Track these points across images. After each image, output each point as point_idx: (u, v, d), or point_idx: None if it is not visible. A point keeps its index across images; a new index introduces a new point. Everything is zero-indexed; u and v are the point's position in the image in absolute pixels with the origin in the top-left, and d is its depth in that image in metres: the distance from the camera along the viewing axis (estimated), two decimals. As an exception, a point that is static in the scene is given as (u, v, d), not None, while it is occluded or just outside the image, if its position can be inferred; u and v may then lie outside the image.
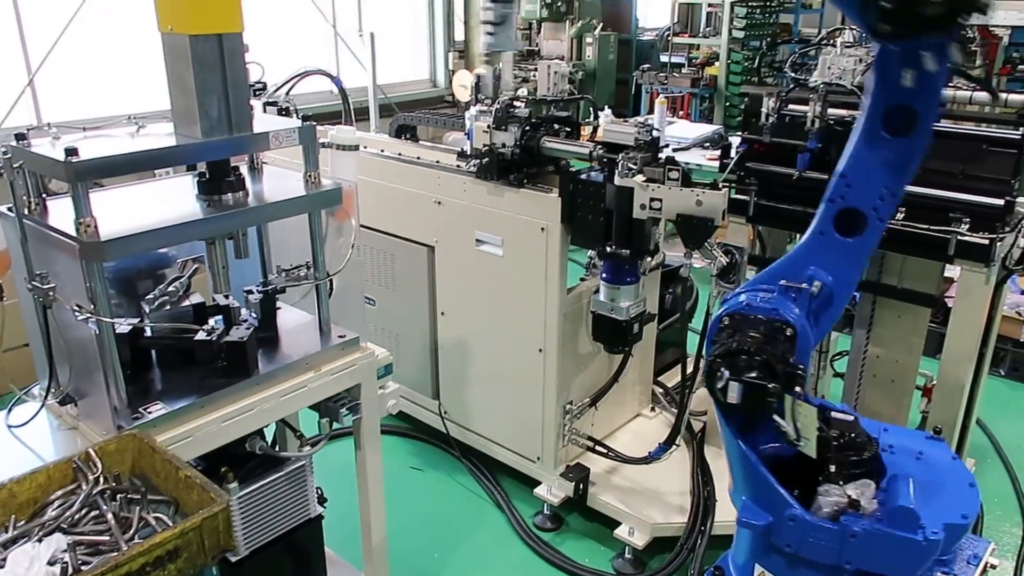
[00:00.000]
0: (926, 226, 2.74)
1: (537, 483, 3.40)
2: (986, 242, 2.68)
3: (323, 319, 2.36)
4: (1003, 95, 3.13)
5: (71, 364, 1.99)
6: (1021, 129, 2.73)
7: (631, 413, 3.72)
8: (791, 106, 3.10)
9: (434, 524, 3.40)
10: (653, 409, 3.77)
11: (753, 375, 1.85)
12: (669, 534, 3.08)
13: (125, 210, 2.08)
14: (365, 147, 3.80)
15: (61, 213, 1.96)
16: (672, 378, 3.92)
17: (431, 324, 3.67)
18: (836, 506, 1.80)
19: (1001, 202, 2.68)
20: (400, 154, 3.69)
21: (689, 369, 3.06)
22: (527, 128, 3.03)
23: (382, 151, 3.73)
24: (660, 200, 2.65)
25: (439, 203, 3.44)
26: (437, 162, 3.52)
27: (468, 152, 3.29)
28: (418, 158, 3.59)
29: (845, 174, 1.87)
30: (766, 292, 1.96)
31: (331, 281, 2.35)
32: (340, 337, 2.33)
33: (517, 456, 3.47)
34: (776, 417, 1.86)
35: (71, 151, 1.78)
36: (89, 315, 1.81)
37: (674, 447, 3.17)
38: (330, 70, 4.99)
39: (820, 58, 3.04)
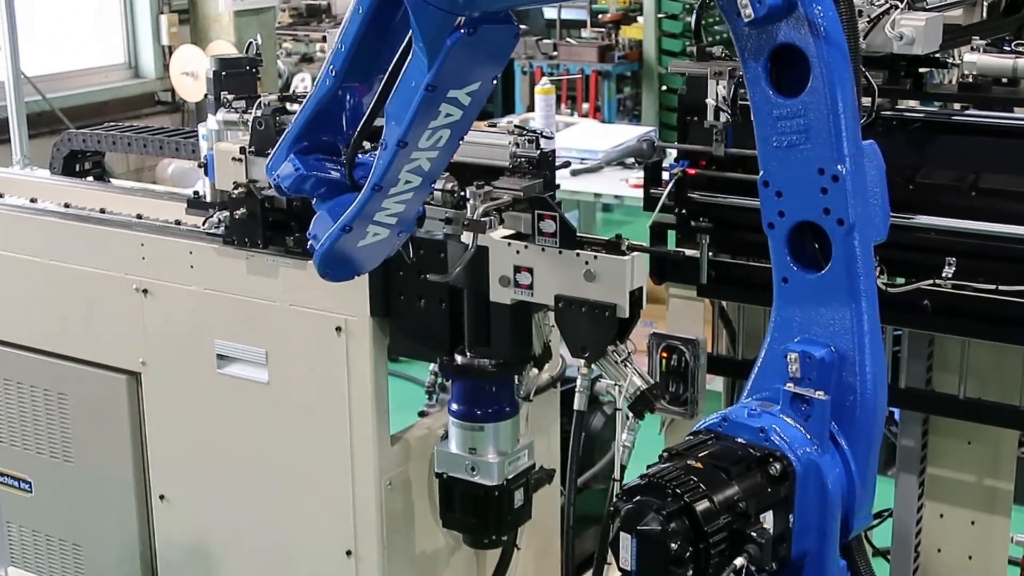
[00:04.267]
0: (1004, 288, 2.90)
1: None
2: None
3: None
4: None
5: None
6: None
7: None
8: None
9: None
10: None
11: (656, 525, 1.98)
12: None
13: None
14: (1, 195, 3.71)
15: None
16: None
17: (141, 519, 3.58)
18: None
19: None
20: (69, 205, 3.62)
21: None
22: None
23: (33, 200, 3.67)
24: (530, 271, 2.73)
25: (145, 292, 3.38)
26: (141, 217, 3.48)
27: (206, 197, 3.27)
28: (103, 211, 3.54)
29: (767, 180, 2.21)
30: (766, 403, 2.13)
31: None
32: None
33: None
34: None
35: None
36: None
37: None
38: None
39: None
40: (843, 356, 2.19)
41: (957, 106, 3.28)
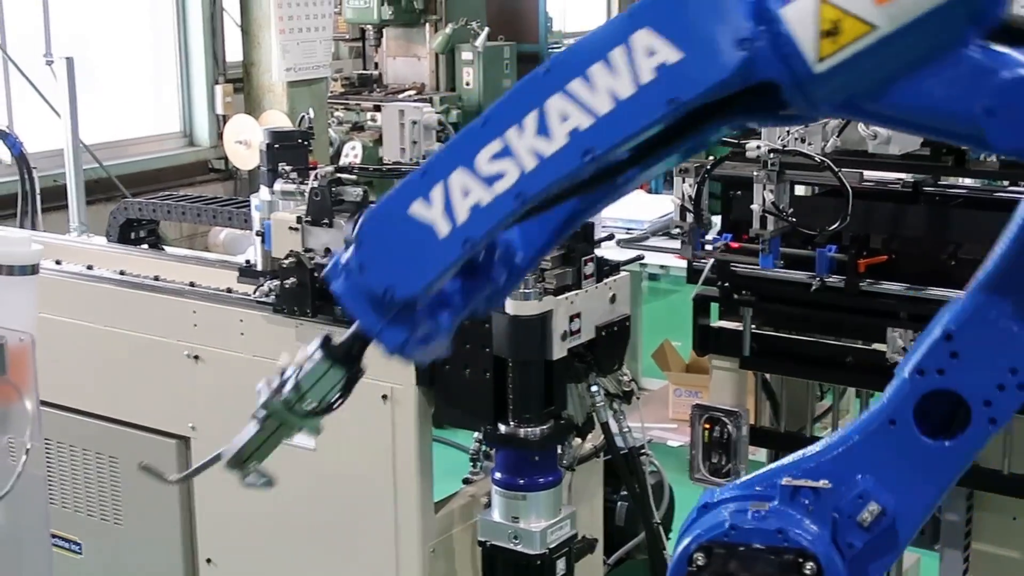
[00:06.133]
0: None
1: None
2: None
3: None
4: None
5: None
6: None
7: None
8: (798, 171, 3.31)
9: None
10: None
11: None
12: None
13: None
14: (58, 262, 3.79)
15: None
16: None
17: (188, 583, 3.60)
18: None
19: None
20: (124, 272, 3.68)
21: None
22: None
23: (89, 267, 3.72)
24: (579, 316, 2.80)
25: (197, 359, 3.44)
26: (193, 285, 3.53)
27: (257, 265, 3.31)
28: (157, 278, 3.58)
29: (952, 333, 1.88)
30: (761, 502, 2.02)
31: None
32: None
33: None
34: None
35: None
36: None
37: None
38: (-4, 122, 5.03)
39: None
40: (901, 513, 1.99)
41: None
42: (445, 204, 1.61)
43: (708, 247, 3.31)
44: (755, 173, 3.11)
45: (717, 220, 3.41)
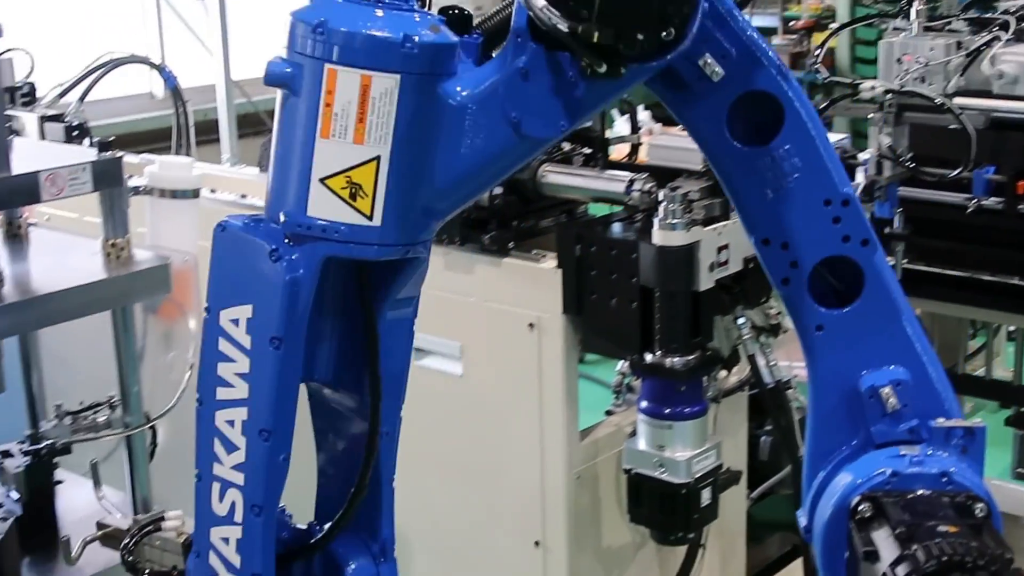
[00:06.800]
0: None
1: None
2: None
3: (140, 497, 2.38)
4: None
5: None
6: None
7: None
8: (959, 99, 3.24)
9: None
10: (747, 648, 3.77)
11: None
12: None
13: None
14: (213, 191, 3.87)
15: None
16: (781, 588, 3.93)
17: (337, 504, 3.70)
18: None
19: None
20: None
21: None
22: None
23: (243, 196, 3.80)
24: (727, 247, 2.78)
25: (347, 285, 3.53)
26: (343, 213, 3.63)
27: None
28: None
29: (766, 237, 1.90)
30: (910, 446, 1.98)
31: (154, 430, 2.39)
32: (174, 531, 2.33)
33: None
34: None
35: None
36: None
37: None
38: (152, 57, 5.16)
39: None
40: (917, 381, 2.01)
41: None
42: None
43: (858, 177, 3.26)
44: (870, 116, 3.03)
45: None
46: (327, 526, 1.76)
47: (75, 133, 4.12)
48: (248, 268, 1.57)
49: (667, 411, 2.97)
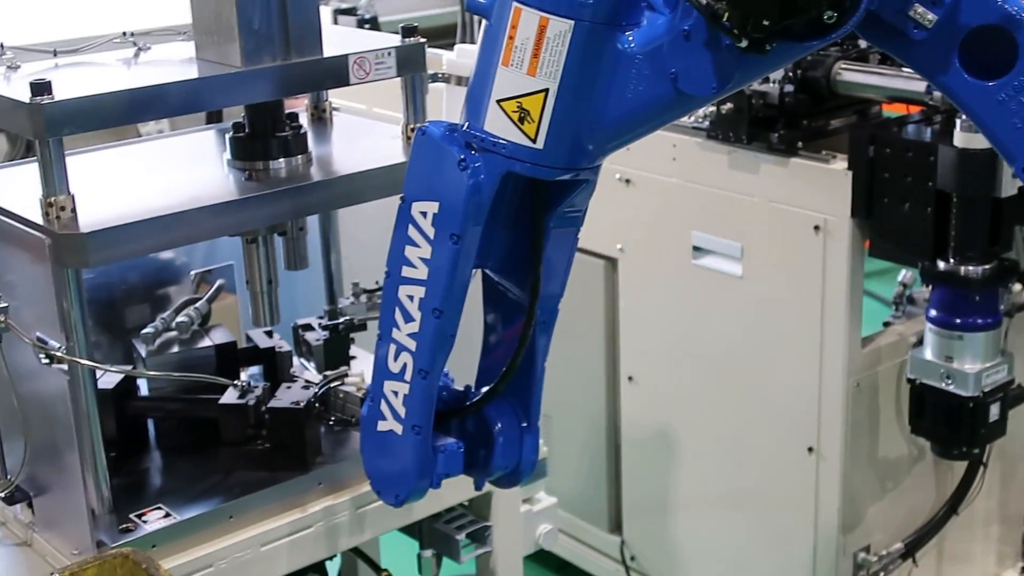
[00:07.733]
0: None
1: None
2: None
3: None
4: None
5: (27, 438, 2.19)
6: None
7: (982, 575, 3.64)
8: None
9: None
10: None
11: None
12: None
13: (111, 186, 2.26)
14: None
15: (11, 187, 2.16)
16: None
17: (609, 398, 3.75)
18: None
19: None
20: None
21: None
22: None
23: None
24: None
25: (627, 182, 3.52)
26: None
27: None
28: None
29: None
30: None
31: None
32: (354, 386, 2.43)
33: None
34: None
35: (40, 87, 1.97)
36: (60, 356, 1.98)
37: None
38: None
39: None
40: None
41: None
42: None
43: None
44: None
45: None
46: (484, 390, 2.01)
47: (366, 26, 4.25)
48: (439, 171, 1.79)
49: (958, 321, 2.91)
